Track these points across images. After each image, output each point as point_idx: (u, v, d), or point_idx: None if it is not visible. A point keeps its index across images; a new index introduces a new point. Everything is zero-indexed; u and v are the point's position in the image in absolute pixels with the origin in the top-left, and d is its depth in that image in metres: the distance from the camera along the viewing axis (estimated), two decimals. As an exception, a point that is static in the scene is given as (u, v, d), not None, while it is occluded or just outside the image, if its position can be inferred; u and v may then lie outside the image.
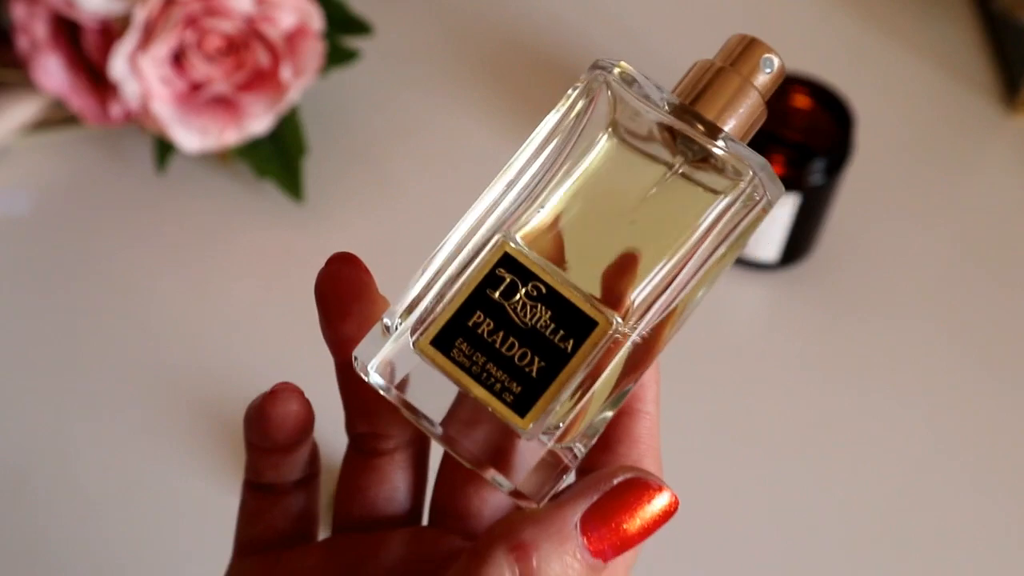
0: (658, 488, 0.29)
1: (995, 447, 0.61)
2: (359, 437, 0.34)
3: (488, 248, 0.30)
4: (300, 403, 0.33)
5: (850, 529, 0.58)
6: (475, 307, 0.30)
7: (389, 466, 0.34)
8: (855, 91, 0.65)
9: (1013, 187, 0.70)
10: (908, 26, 0.76)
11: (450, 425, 0.29)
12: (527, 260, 0.30)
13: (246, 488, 0.35)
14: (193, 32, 0.62)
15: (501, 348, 0.29)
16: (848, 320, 0.64)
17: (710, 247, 0.30)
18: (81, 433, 0.60)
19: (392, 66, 0.73)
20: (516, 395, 0.29)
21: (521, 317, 0.29)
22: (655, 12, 0.76)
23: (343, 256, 0.33)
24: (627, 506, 0.29)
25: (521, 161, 0.32)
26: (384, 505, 0.34)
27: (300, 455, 0.34)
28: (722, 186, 0.30)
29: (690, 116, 0.31)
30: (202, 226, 0.67)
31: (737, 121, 0.31)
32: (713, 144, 0.30)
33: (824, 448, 0.61)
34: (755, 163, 0.30)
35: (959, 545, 0.58)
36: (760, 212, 0.30)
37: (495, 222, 0.31)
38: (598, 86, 0.31)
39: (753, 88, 0.31)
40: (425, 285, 0.31)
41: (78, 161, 0.69)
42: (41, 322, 0.64)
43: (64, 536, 0.58)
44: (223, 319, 0.64)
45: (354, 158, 0.70)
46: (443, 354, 0.29)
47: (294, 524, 0.35)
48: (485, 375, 0.29)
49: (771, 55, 0.31)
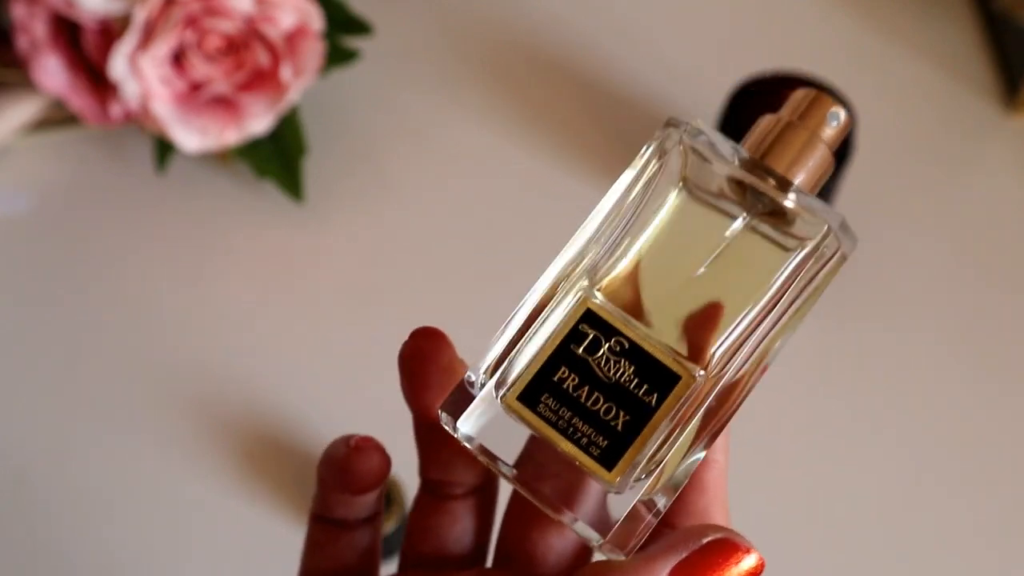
0: (747, 550, 0.30)
1: (996, 448, 0.61)
2: (432, 482, 0.35)
3: (571, 304, 0.31)
4: (382, 458, 0.34)
5: (850, 530, 0.58)
6: (560, 363, 0.30)
7: (459, 509, 0.35)
8: (855, 91, 0.65)
9: (1013, 187, 0.70)
10: (908, 26, 0.76)
11: (528, 472, 0.30)
12: (609, 316, 0.31)
13: (313, 520, 0.36)
14: (193, 32, 0.62)
15: (586, 403, 0.30)
16: (848, 320, 0.64)
17: (788, 300, 0.31)
18: (81, 433, 0.60)
19: (392, 66, 0.73)
20: (602, 449, 0.30)
21: (605, 372, 0.30)
22: (656, 11, 0.76)
23: (426, 332, 0.34)
24: (715, 565, 0.29)
25: (599, 217, 0.32)
26: (452, 546, 0.35)
27: (372, 495, 0.35)
28: (793, 241, 0.31)
29: (761, 170, 0.31)
30: (202, 226, 0.67)
31: (806, 175, 0.32)
32: (784, 197, 0.31)
33: (824, 450, 0.60)
34: (829, 216, 0.31)
35: (957, 547, 0.58)
36: (835, 264, 0.31)
37: (577, 277, 0.31)
38: (672, 145, 0.32)
39: (821, 142, 0.32)
40: (509, 342, 0.31)
41: (78, 161, 0.69)
42: (41, 322, 0.64)
43: (64, 536, 0.58)
44: (223, 319, 0.64)
45: (354, 158, 0.69)
46: (530, 409, 0.30)
47: (359, 559, 0.36)
48: (571, 430, 0.30)
49: (837, 108, 0.32)
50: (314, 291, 0.65)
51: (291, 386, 0.61)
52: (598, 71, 0.73)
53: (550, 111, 0.71)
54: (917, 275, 0.66)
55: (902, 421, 0.61)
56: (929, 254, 0.67)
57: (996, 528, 0.59)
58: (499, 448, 0.30)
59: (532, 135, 0.70)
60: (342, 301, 0.65)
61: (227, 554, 0.58)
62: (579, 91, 0.72)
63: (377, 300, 0.65)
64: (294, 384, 0.61)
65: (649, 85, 0.71)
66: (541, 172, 0.69)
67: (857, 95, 0.65)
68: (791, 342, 0.28)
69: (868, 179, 0.68)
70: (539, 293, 0.32)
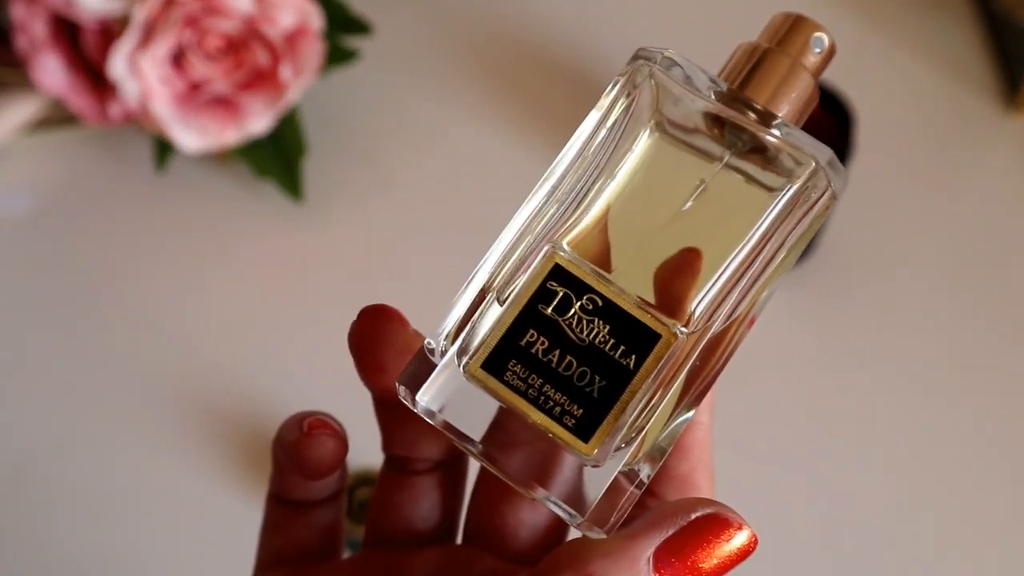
0: (739, 526, 0.27)
1: (998, 445, 0.61)
2: (396, 458, 0.33)
3: (537, 260, 0.28)
4: (336, 440, 0.31)
5: (852, 527, 0.58)
6: (527, 325, 0.27)
7: (425, 484, 0.33)
8: (855, 91, 0.65)
9: (1013, 187, 0.70)
10: (908, 26, 0.76)
11: (495, 446, 0.27)
12: (579, 271, 0.28)
13: (270, 500, 0.34)
14: (193, 32, 0.62)
15: (558, 368, 0.27)
16: (849, 320, 0.64)
17: (774, 245, 0.28)
18: (81, 432, 0.60)
19: (392, 66, 0.73)
20: (578, 418, 0.27)
21: (577, 333, 0.27)
22: (656, 11, 0.76)
23: (375, 310, 0.31)
24: (704, 543, 0.27)
25: (564, 164, 0.29)
26: (419, 523, 0.33)
27: (331, 478, 0.33)
28: (777, 179, 0.28)
29: (740, 103, 0.28)
30: (202, 226, 0.67)
31: (790, 107, 0.29)
32: (768, 132, 0.28)
33: (826, 447, 0.60)
34: (816, 151, 0.28)
35: (964, 543, 0.58)
36: (824, 204, 0.28)
37: (540, 231, 0.28)
38: (642, 79, 0.29)
39: (804, 69, 0.29)
40: (470, 305, 0.28)
41: (78, 161, 0.69)
42: (41, 322, 0.64)
43: (64, 535, 0.58)
44: (223, 318, 0.64)
45: (354, 158, 0.69)
46: (496, 378, 0.27)
47: (320, 539, 0.34)
48: (543, 399, 0.27)
49: (821, 33, 0.29)
50: (314, 290, 0.65)
51: (291, 385, 0.61)
52: (598, 71, 0.73)
53: (550, 111, 0.71)
54: (918, 273, 0.66)
55: (905, 418, 0.61)
56: (930, 253, 0.67)
57: (1004, 519, 0.59)
58: (464, 422, 0.27)
59: (532, 135, 0.70)
60: (342, 300, 0.64)
61: (227, 552, 0.58)
62: (579, 91, 0.72)
63: (377, 299, 0.64)
64: (294, 383, 0.61)
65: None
66: (541, 172, 0.69)
67: (857, 95, 0.65)
68: (792, 342, 0.27)
69: (869, 179, 0.67)
70: (502, 249, 0.28)
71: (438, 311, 0.30)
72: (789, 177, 0.28)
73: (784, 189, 0.28)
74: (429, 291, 0.65)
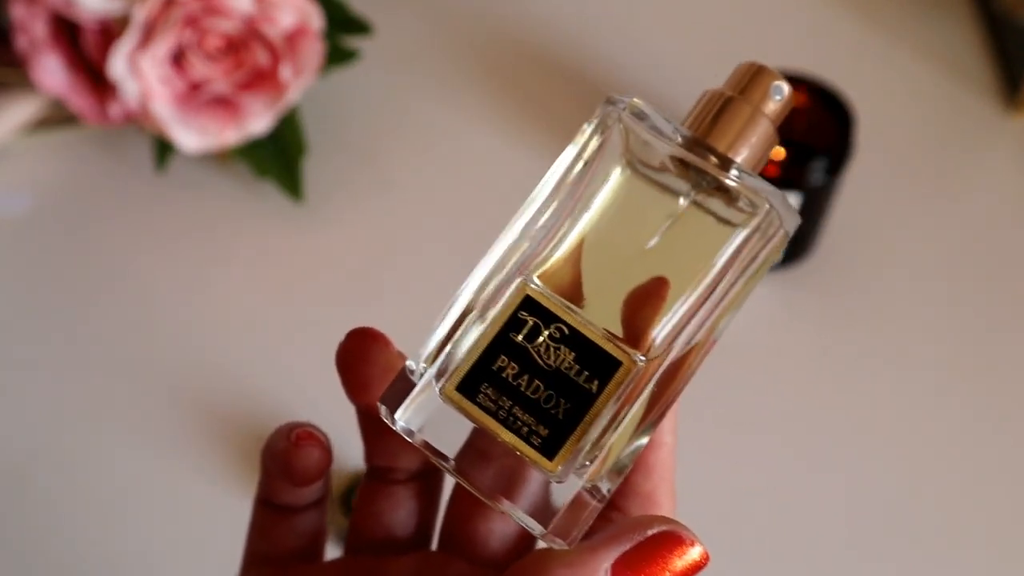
0: (691, 542, 0.29)
1: (999, 444, 0.61)
2: (376, 468, 0.35)
3: (509, 291, 0.30)
4: (322, 450, 0.34)
5: (851, 526, 0.58)
6: (499, 351, 0.30)
7: (404, 494, 0.35)
8: (855, 91, 0.65)
9: (1013, 187, 0.70)
10: (908, 26, 0.76)
11: (467, 462, 0.30)
12: (548, 302, 0.30)
13: (257, 504, 0.36)
14: (193, 32, 0.62)
15: (527, 391, 0.29)
16: (849, 319, 0.64)
17: (731, 279, 0.30)
18: (81, 433, 0.60)
19: (392, 66, 0.73)
20: (543, 438, 0.29)
21: (545, 359, 0.30)
22: (656, 12, 0.76)
23: (361, 332, 0.33)
24: (659, 558, 0.29)
25: (539, 200, 0.31)
26: (397, 529, 0.35)
27: (315, 485, 0.35)
28: (738, 217, 0.30)
29: (702, 148, 0.31)
30: (202, 226, 0.67)
31: (750, 152, 0.31)
32: (726, 176, 0.30)
33: (825, 447, 0.60)
34: (770, 194, 0.30)
35: (961, 542, 0.58)
36: (778, 242, 0.30)
37: (515, 262, 0.31)
38: (612, 122, 0.31)
39: (764, 117, 0.31)
40: (449, 330, 0.31)
41: (78, 161, 0.69)
42: (41, 322, 0.64)
43: (64, 535, 0.58)
44: (223, 319, 0.64)
45: (354, 158, 0.69)
46: (469, 400, 0.30)
47: (304, 542, 0.36)
48: (512, 419, 0.29)
49: (780, 82, 0.32)
50: (314, 290, 0.65)
51: (291, 385, 0.61)
52: (598, 71, 0.73)
53: (550, 111, 0.71)
54: (918, 273, 0.66)
55: (904, 418, 0.61)
56: (930, 253, 0.67)
57: (1003, 520, 0.59)
58: (440, 441, 0.30)
59: (532, 135, 0.70)
60: (342, 300, 0.65)
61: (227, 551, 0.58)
62: (579, 91, 0.72)
63: (376, 299, 0.64)
64: (294, 383, 0.61)
65: (649, 85, 0.71)
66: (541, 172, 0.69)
67: (857, 95, 0.65)
68: (792, 342, 0.28)
69: (869, 179, 0.68)
70: (479, 279, 0.31)
71: (438, 310, 0.31)
72: (749, 215, 0.30)
73: (742, 226, 0.30)
74: (428, 291, 0.65)
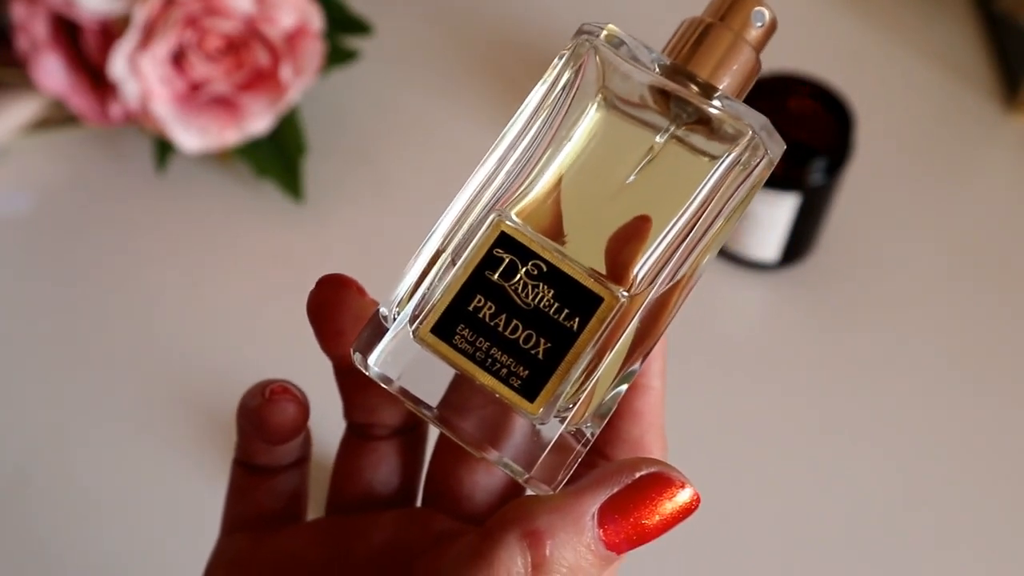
0: (681, 484, 0.28)
1: (999, 444, 0.61)
2: (356, 424, 0.34)
3: (484, 228, 0.29)
4: (297, 406, 0.33)
5: (846, 530, 0.58)
6: (475, 291, 0.28)
7: (386, 449, 0.34)
8: (855, 91, 0.65)
9: (1013, 187, 0.70)
10: (908, 26, 0.76)
11: (450, 410, 0.28)
12: (525, 238, 0.29)
13: (236, 466, 0.35)
14: (193, 32, 0.62)
15: (505, 331, 0.28)
16: (848, 320, 0.64)
17: (714, 211, 0.29)
18: (81, 432, 0.60)
19: (392, 66, 0.73)
20: (523, 379, 0.28)
21: (523, 298, 0.28)
22: (656, 11, 0.76)
23: (332, 279, 0.32)
24: (648, 500, 0.28)
25: (511, 136, 0.30)
26: (380, 487, 0.34)
27: (294, 443, 0.34)
28: (719, 150, 0.29)
29: (683, 76, 0.29)
30: (202, 226, 0.67)
31: (732, 79, 0.30)
32: (709, 104, 0.29)
33: (822, 448, 0.60)
34: (754, 121, 0.29)
35: (955, 547, 0.58)
36: (762, 171, 0.29)
37: (488, 201, 0.30)
38: (585, 52, 0.30)
39: (746, 43, 0.30)
40: (421, 272, 0.29)
41: (78, 161, 0.69)
42: (41, 322, 0.64)
43: (64, 535, 0.58)
44: (223, 318, 0.64)
45: (354, 158, 0.69)
46: (445, 342, 0.28)
47: (284, 504, 0.35)
48: (490, 361, 0.28)
49: (761, 8, 0.30)
50: (314, 291, 0.65)
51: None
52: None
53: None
54: (917, 274, 0.66)
55: (902, 420, 0.61)
56: (929, 253, 0.67)
57: (996, 525, 0.59)
58: (420, 389, 0.28)
59: (532, 135, 0.70)
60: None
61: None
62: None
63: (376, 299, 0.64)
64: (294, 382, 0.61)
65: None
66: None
67: (857, 95, 0.65)
68: (792, 342, 0.27)
69: (868, 179, 0.68)
70: (451, 218, 0.30)
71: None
72: (730, 146, 0.29)
73: (723, 157, 0.29)
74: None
